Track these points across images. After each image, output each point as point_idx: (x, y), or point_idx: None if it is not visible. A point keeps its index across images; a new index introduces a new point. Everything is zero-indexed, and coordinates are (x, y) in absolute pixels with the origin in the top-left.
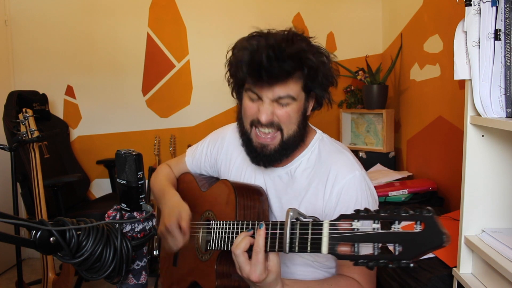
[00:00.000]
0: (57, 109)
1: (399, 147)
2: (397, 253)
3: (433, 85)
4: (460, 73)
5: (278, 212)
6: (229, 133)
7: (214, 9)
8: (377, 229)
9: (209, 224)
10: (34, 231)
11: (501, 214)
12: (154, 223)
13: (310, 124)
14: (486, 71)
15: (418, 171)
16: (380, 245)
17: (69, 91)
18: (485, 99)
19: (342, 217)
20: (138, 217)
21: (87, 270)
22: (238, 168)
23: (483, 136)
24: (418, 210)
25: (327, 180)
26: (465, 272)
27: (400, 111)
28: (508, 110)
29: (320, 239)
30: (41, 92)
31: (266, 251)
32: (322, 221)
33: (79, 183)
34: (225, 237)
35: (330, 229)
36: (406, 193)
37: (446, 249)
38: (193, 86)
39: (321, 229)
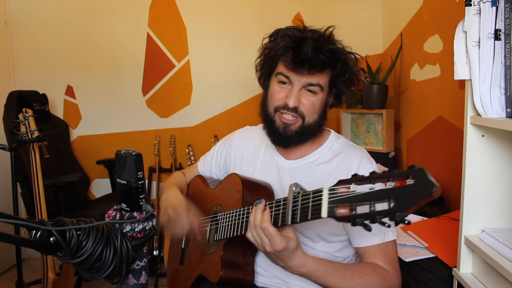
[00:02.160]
0: (57, 109)
1: (399, 147)
2: (391, 207)
3: (433, 85)
4: (460, 73)
5: None
6: (237, 136)
7: (214, 9)
8: (373, 189)
9: (216, 217)
10: (34, 231)
11: (501, 214)
12: (154, 223)
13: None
14: (486, 71)
15: None
16: (375, 203)
17: (69, 91)
18: (485, 99)
19: (341, 182)
20: (138, 217)
21: (87, 270)
22: (248, 164)
23: (483, 136)
24: (409, 166)
25: (349, 171)
26: (465, 272)
27: (400, 111)
28: (508, 110)
29: (320, 204)
30: (41, 92)
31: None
32: (322, 188)
33: (79, 183)
34: (231, 225)
35: (329, 194)
36: None
37: (446, 249)
38: (193, 86)
39: (321, 195)
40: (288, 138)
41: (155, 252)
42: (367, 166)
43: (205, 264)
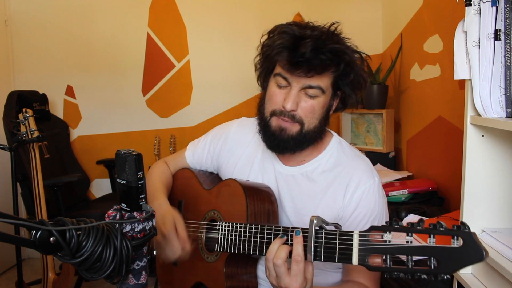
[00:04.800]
0: (57, 109)
1: (399, 147)
2: (432, 266)
3: (433, 85)
4: (460, 73)
5: (292, 213)
6: (234, 129)
7: (214, 9)
8: (410, 242)
9: (215, 225)
10: (34, 231)
11: (501, 214)
12: (154, 223)
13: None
14: (486, 71)
15: (418, 171)
16: (414, 257)
17: (69, 91)
18: (485, 99)
19: (373, 228)
20: (138, 217)
21: (87, 270)
22: (243, 166)
23: (483, 136)
24: (456, 225)
25: (348, 185)
26: (465, 272)
27: (400, 111)
28: (508, 110)
29: (351, 250)
30: (41, 92)
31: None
32: (352, 231)
33: (79, 183)
34: (236, 239)
35: (360, 240)
36: (406, 193)
37: None
38: (193, 86)
39: (351, 240)
40: (284, 143)
41: (155, 252)
42: (369, 182)
43: (205, 272)
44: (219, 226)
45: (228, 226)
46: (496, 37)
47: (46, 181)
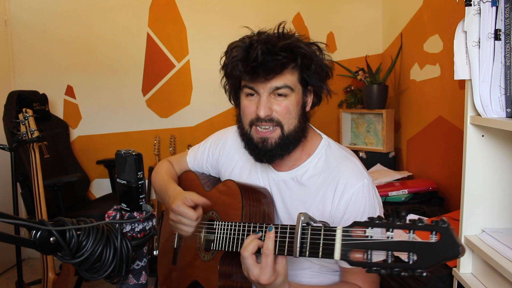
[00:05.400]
0: (57, 109)
1: (399, 147)
2: (411, 261)
3: (433, 85)
4: (460, 73)
5: (284, 217)
6: (231, 136)
7: (214, 9)
8: (391, 237)
9: (213, 224)
10: (34, 231)
11: (501, 214)
12: (154, 223)
13: (315, 128)
14: (486, 71)
15: (418, 171)
16: (393, 253)
17: (69, 91)
18: (485, 99)
19: (356, 224)
20: (138, 217)
21: (87, 270)
22: (240, 172)
23: (483, 136)
24: (434, 221)
25: (336, 188)
26: (465, 272)
27: (400, 111)
28: (508, 110)
29: (333, 245)
30: (41, 92)
31: (275, 254)
32: (335, 227)
33: (79, 183)
34: (229, 238)
35: (343, 235)
36: (406, 193)
37: None
38: (193, 86)
39: (334, 235)
40: (270, 152)
41: (155, 252)
42: (357, 184)
43: (201, 271)
44: (216, 225)
45: (224, 225)
46: (496, 37)
47: (46, 181)
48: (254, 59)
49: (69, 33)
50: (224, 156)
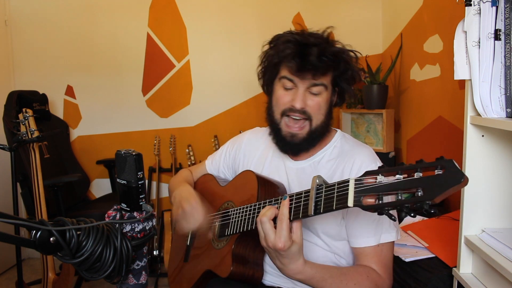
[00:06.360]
0: (57, 109)
1: (399, 147)
2: (419, 195)
3: (433, 85)
4: (460, 73)
5: None
6: (247, 136)
7: (214, 9)
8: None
9: (228, 212)
10: (34, 231)
11: (501, 214)
12: (154, 223)
13: None
14: (486, 71)
15: None
16: (403, 193)
17: (69, 91)
18: (485, 99)
19: (367, 173)
20: (138, 217)
21: (87, 270)
22: (256, 165)
23: (483, 136)
24: (437, 158)
25: (352, 168)
26: (465, 272)
27: (400, 111)
28: (508, 110)
29: (346, 194)
30: (41, 92)
31: (290, 220)
32: (348, 179)
33: (79, 183)
34: (244, 219)
35: (355, 184)
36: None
37: (446, 249)
38: (193, 86)
39: (347, 186)
40: (298, 146)
41: (155, 252)
42: (370, 166)
43: (213, 259)
44: (230, 212)
45: (237, 210)
46: (496, 37)
47: (46, 181)
48: (311, 60)
49: (69, 33)
50: (241, 154)
